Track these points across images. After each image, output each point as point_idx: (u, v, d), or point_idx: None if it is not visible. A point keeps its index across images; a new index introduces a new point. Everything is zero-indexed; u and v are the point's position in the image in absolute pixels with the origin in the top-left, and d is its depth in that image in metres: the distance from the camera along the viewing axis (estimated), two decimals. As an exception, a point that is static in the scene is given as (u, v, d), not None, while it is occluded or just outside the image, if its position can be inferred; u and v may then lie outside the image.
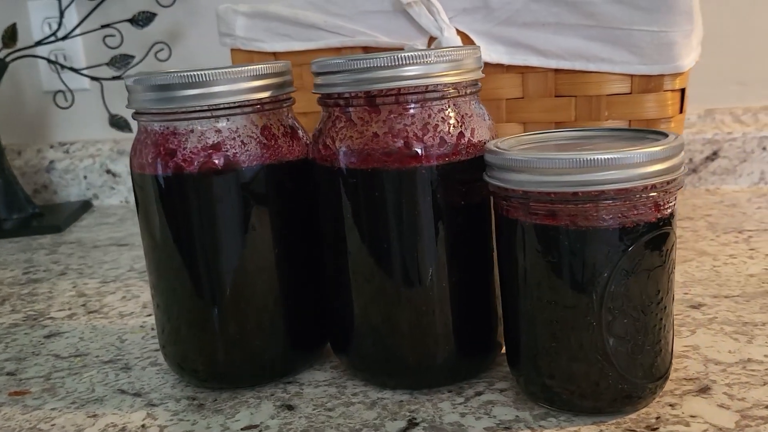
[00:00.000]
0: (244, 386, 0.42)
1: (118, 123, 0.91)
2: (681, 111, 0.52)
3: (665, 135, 0.34)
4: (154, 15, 0.88)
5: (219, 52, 0.91)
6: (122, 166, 0.99)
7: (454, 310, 0.38)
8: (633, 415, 0.35)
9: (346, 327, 0.40)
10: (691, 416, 0.34)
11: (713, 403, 0.35)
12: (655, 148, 0.32)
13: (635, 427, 0.34)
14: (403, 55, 0.35)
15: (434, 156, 0.36)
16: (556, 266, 0.33)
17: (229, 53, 0.62)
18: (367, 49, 0.56)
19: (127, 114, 0.92)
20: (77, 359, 0.48)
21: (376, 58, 0.36)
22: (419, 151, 0.36)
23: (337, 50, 0.56)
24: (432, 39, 0.53)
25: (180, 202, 0.39)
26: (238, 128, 0.39)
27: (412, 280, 0.37)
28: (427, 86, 0.36)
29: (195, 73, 0.37)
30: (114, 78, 0.89)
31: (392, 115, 0.36)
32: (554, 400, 0.36)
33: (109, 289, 0.63)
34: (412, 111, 0.36)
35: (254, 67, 0.38)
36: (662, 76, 0.49)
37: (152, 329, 0.52)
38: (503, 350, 0.41)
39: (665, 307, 0.34)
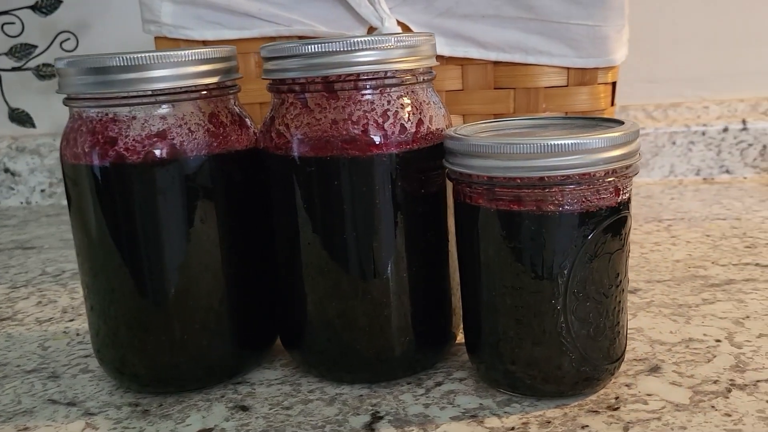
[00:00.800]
0: (191, 389, 0.39)
1: (19, 117, 0.85)
2: (612, 104, 0.54)
3: (620, 122, 0.35)
4: (59, 2, 0.82)
5: (131, 42, 0.87)
6: (22, 165, 0.92)
7: (413, 301, 0.38)
8: (593, 397, 0.36)
9: (300, 322, 0.39)
10: (648, 395, 0.35)
11: (665, 381, 0.37)
12: (616, 134, 0.32)
13: (597, 408, 0.35)
14: (361, 39, 0.35)
15: (394, 143, 0.35)
16: (521, 252, 0.33)
17: (153, 41, 0.58)
18: (303, 39, 0.54)
19: (29, 107, 0.85)
20: (-5, 370, 0.44)
21: (333, 42, 0.34)
22: (380, 138, 0.35)
23: (272, 39, 0.55)
24: (371, 29, 0.53)
25: (120, 195, 0.36)
26: (184, 115, 0.36)
27: (371, 271, 0.36)
28: (386, 72, 0.35)
29: (138, 55, 0.35)
30: (14, 69, 0.83)
31: (351, 102, 0.35)
32: (517, 385, 0.36)
33: (20, 294, 0.58)
34: (371, 97, 0.35)
35: (201, 50, 0.36)
36: (597, 69, 0.51)
37: (77, 335, 0.49)
38: (457, 340, 0.41)
39: (623, 290, 0.35)
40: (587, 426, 0.33)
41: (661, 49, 0.81)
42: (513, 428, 0.33)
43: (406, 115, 0.36)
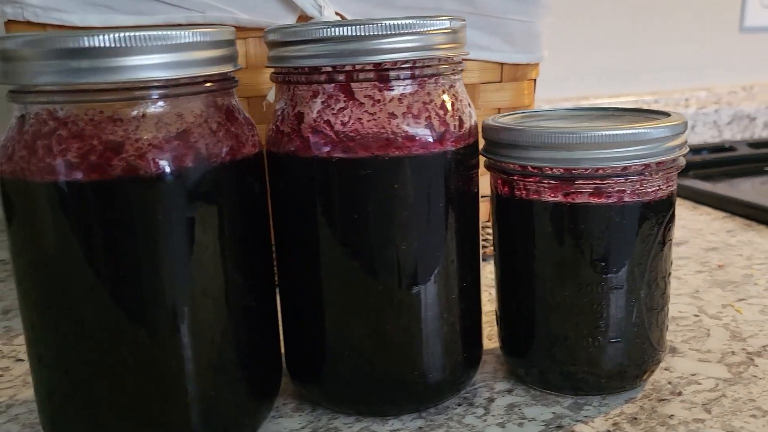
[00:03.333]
0: (205, 459, 0.31)
1: None
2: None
3: (648, 111, 0.36)
4: None
5: None
6: None
7: (464, 313, 0.34)
8: (649, 386, 0.36)
9: (329, 354, 0.33)
10: (692, 375, 0.36)
11: (694, 359, 0.38)
12: (678, 122, 0.32)
13: (664, 396, 0.34)
14: (418, 21, 0.30)
15: (454, 138, 0.32)
16: (602, 246, 0.32)
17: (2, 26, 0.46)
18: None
19: None
20: None
21: (387, 22, 0.30)
22: (443, 133, 0.31)
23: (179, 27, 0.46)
24: (301, 19, 0.47)
25: (123, 215, 0.27)
26: (202, 112, 0.28)
27: (433, 285, 0.32)
28: (439, 58, 0.31)
29: (146, 33, 0.26)
30: None
31: (408, 92, 0.31)
32: (580, 386, 0.34)
33: None
34: (428, 88, 0.31)
35: (212, 31, 0.29)
36: (527, 65, 0.51)
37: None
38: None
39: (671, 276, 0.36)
40: (672, 415, 0.33)
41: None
42: (609, 431, 0.32)
43: (461, 107, 0.32)
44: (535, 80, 0.54)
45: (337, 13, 0.47)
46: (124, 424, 0.29)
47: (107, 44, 0.26)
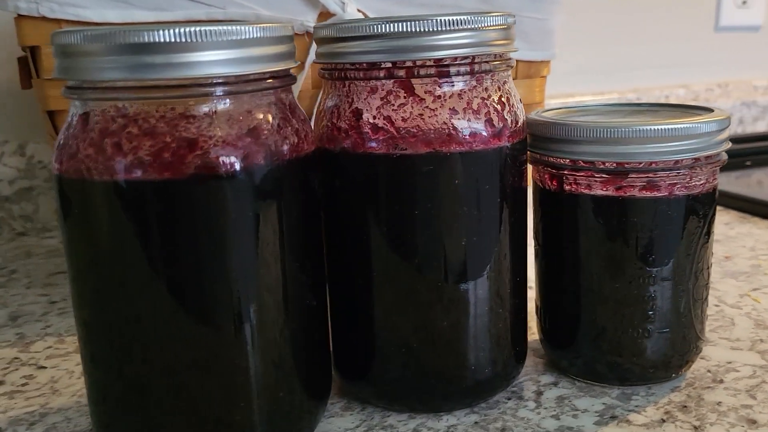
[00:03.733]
0: (265, 462, 0.31)
1: None
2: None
3: (702, 108, 0.36)
4: None
5: None
6: None
7: (515, 306, 0.34)
8: (690, 374, 0.36)
9: (382, 351, 0.33)
10: (728, 362, 0.37)
11: (727, 348, 0.39)
12: (724, 117, 0.33)
13: (707, 384, 0.35)
14: (478, 17, 0.30)
15: (510, 133, 0.32)
16: (653, 239, 0.32)
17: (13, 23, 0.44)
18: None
19: None
20: None
21: (447, 18, 0.30)
22: (502, 128, 0.31)
23: (198, 23, 0.45)
24: (322, 15, 0.47)
25: (194, 213, 0.26)
26: (270, 108, 0.28)
27: (488, 280, 0.32)
28: (495, 54, 0.31)
29: (224, 28, 0.26)
30: None
31: (467, 88, 0.31)
32: (627, 377, 0.35)
33: None
34: (485, 84, 0.31)
35: (281, 26, 0.28)
36: (540, 62, 0.52)
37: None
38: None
39: (710, 266, 0.37)
40: (720, 402, 0.34)
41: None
42: (663, 420, 0.32)
43: (514, 102, 0.33)
44: (545, 77, 0.55)
45: (358, 10, 0.47)
46: (184, 425, 0.29)
47: (177, 39, 0.25)
